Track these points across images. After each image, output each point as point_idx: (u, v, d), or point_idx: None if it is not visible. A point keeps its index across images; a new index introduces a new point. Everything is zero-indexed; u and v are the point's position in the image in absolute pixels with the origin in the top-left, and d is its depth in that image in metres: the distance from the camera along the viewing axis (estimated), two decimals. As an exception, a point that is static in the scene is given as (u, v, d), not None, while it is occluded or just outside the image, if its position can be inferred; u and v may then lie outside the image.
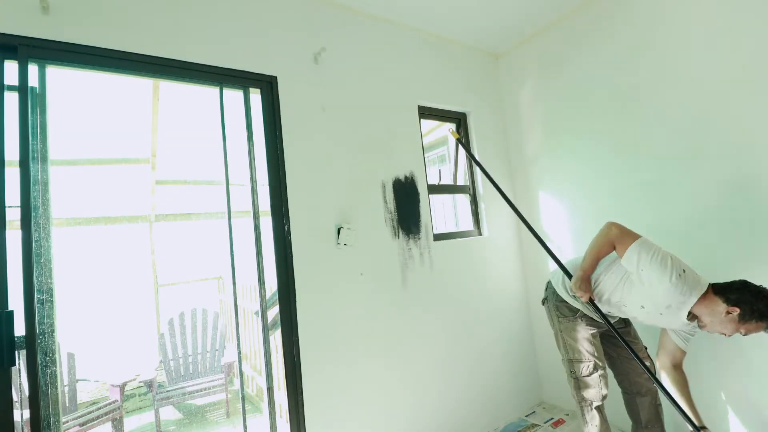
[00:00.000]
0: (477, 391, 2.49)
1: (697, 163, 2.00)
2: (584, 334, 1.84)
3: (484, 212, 2.76)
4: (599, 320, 1.82)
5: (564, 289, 1.90)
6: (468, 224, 2.80)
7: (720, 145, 1.92)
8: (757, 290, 1.42)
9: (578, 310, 1.87)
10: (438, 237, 2.48)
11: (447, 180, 3.00)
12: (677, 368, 1.69)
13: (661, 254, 1.51)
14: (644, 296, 1.58)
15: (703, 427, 1.54)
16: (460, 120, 2.85)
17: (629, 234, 1.61)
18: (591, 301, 1.74)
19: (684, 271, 1.48)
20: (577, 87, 2.52)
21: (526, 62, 2.85)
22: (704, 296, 1.46)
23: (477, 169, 2.79)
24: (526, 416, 2.66)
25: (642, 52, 2.19)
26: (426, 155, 2.55)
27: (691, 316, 1.52)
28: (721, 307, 1.44)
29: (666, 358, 1.71)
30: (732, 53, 1.88)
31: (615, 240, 1.64)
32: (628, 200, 2.28)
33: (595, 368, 1.80)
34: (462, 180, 2.87)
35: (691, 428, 1.54)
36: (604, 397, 1.79)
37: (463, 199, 2.88)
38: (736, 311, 1.41)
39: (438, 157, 3.72)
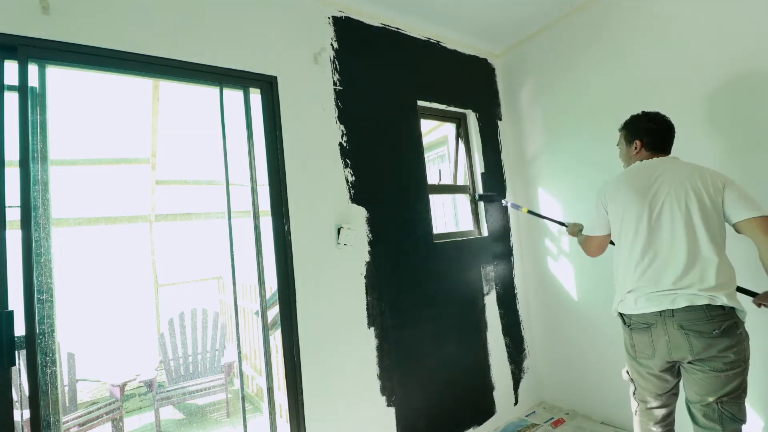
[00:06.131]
0: (477, 390, 2.49)
1: (697, 162, 2.00)
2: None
3: (484, 212, 2.76)
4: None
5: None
6: (468, 224, 2.80)
7: (721, 145, 1.92)
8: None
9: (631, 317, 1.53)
10: (438, 237, 2.48)
11: (447, 180, 3.00)
12: None
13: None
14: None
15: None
16: (460, 120, 2.85)
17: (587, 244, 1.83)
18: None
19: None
20: (577, 86, 2.52)
21: (526, 62, 2.85)
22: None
23: (477, 169, 2.79)
24: (526, 416, 2.66)
25: (642, 51, 2.19)
26: (426, 155, 2.55)
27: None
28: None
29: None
30: (732, 52, 1.88)
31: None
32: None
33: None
34: (462, 180, 2.87)
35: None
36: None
37: (463, 199, 2.88)
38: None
39: (438, 156, 3.72)
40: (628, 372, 1.63)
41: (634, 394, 1.62)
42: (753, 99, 1.82)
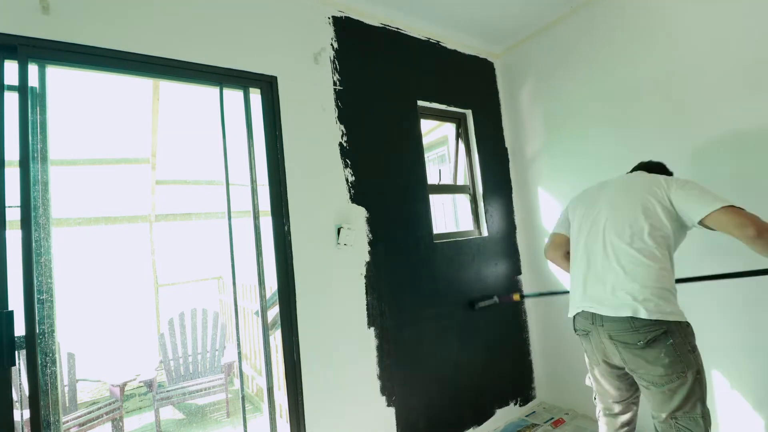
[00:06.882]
0: (477, 390, 2.49)
1: (697, 162, 2.00)
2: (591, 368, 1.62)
3: (484, 212, 2.76)
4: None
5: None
6: (468, 224, 2.80)
7: (720, 145, 1.92)
8: None
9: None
10: (438, 237, 2.48)
11: (447, 180, 3.00)
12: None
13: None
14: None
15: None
16: (460, 120, 2.85)
17: None
18: None
19: None
20: (577, 86, 2.52)
21: (526, 62, 2.85)
22: None
23: (477, 169, 2.79)
24: (526, 416, 2.66)
25: (642, 51, 2.19)
26: (426, 155, 2.55)
27: None
28: None
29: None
30: (732, 53, 1.87)
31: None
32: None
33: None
34: (462, 180, 2.87)
35: None
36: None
37: (463, 199, 2.88)
38: None
39: (438, 156, 3.73)
40: (590, 377, 1.66)
41: (594, 398, 1.65)
42: (755, 98, 1.82)
